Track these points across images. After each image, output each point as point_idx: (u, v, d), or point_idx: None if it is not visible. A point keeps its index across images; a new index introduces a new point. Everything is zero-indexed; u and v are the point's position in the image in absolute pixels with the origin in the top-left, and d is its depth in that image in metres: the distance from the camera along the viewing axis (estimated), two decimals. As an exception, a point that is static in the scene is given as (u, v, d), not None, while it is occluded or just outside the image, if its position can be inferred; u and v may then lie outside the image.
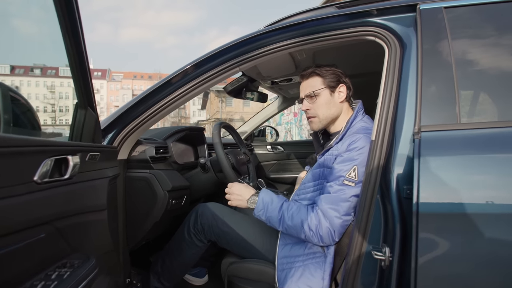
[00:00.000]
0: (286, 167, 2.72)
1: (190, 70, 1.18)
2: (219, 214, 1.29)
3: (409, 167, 0.80)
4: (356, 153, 1.03)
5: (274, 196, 1.12)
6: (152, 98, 1.20)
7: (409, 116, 0.86)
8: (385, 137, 0.90)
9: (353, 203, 1.01)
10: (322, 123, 1.21)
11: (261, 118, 2.67)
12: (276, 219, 1.07)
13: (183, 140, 1.66)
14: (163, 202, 1.25)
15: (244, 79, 1.77)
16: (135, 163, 1.27)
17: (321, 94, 1.18)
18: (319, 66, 1.21)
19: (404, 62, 0.96)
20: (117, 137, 1.18)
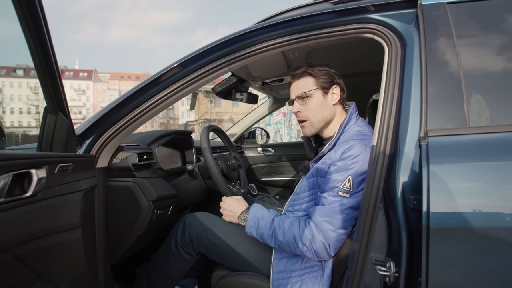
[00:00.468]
0: (278, 169, 2.65)
1: (176, 70, 1.09)
2: (209, 225, 1.20)
3: (416, 175, 0.73)
4: (350, 162, 0.96)
5: (265, 212, 1.07)
6: (134, 100, 1.10)
7: (413, 120, 0.79)
8: (388, 142, 0.83)
9: (349, 216, 0.94)
10: (314, 127, 1.14)
11: (251, 120, 2.58)
12: (268, 235, 1.02)
13: (169, 144, 1.56)
14: (147, 213, 1.15)
15: (233, 79, 1.68)
16: (116, 171, 1.17)
17: (313, 95, 1.11)
18: (312, 65, 1.15)
19: (406, 61, 0.90)
20: (95, 144, 1.08)
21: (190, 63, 1.08)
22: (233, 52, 1.06)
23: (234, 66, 1.09)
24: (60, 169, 0.73)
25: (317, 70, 1.12)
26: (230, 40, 1.06)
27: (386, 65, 0.93)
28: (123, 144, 1.22)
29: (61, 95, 0.77)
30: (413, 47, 0.90)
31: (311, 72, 1.12)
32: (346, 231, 0.95)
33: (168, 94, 1.10)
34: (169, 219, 1.33)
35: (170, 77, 1.09)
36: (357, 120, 1.13)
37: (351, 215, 0.94)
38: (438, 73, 0.82)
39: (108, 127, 1.09)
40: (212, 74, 1.09)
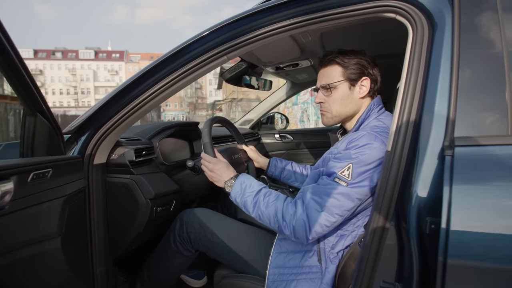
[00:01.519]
0: (296, 157, 2.53)
1: (170, 60, 1.00)
2: (207, 222, 1.15)
3: (436, 193, 0.60)
4: (354, 151, 0.88)
5: (254, 181, 1.02)
6: (129, 93, 1.03)
7: (438, 122, 0.65)
8: (405, 148, 0.69)
9: (340, 203, 0.87)
10: (334, 120, 1.07)
11: (268, 105, 2.46)
12: (251, 203, 0.97)
13: (177, 135, 1.50)
14: (145, 211, 1.11)
15: (243, 65, 1.56)
16: (114, 167, 1.13)
17: (338, 87, 1.02)
18: (342, 52, 1.04)
19: (434, 47, 0.73)
20: (91, 140, 1.04)
21: (185, 52, 0.99)
22: (230, 39, 0.94)
23: (233, 54, 0.98)
24: (34, 177, 0.68)
25: (347, 59, 1.02)
26: (225, 26, 0.94)
27: (408, 52, 0.77)
28: (122, 138, 1.18)
29: (36, 96, 0.71)
30: (443, 29, 0.73)
31: (339, 61, 1.02)
32: (331, 218, 0.87)
33: (163, 86, 1.02)
34: (172, 215, 1.29)
35: (164, 69, 1.01)
36: (378, 115, 1.03)
37: (342, 203, 0.87)
38: (474, 63, 0.66)
39: (103, 122, 1.04)
40: (210, 64, 0.98)
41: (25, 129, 0.75)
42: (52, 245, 0.71)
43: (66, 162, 0.81)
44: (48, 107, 0.77)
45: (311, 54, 1.49)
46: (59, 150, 0.83)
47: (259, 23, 0.92)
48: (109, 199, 1.12)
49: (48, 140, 0.79)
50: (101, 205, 1.09)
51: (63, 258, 0.74)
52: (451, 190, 0.55)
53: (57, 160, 0.77)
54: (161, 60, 1.01)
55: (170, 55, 1.01)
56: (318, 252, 0.97)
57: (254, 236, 1.12)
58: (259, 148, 2.50)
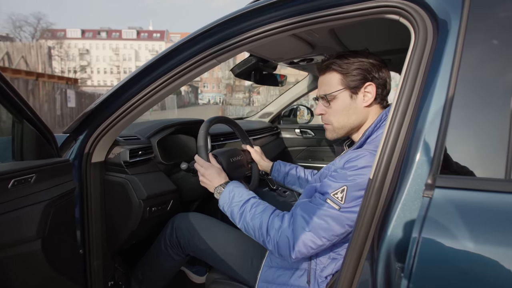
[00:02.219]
0: (316, 154, 2.47)
1: (163, 61, 1.02)
2: (196, 228, 1.17)
3: (407, 239, 0.54)
4: (351, 172, 0.83)
5: (243, 190, 1.01)
6: (124, 93, 1.07)
7: (425, 153, 0.58)
8: (387, 178, 0.64)
9: (328, 226, 0.82)
10: (337, 133, 1.01)
11: (288, 98, 2.41)
12: (237, 213, 0.97)
13: (179, 132, 1.53)
14: (138, 211, 1.16)
15: (252, 60, 1.52)
16: (112, 165, 1.19)
17: (337, 97, 0.96)
18: (341, 56, 0.96)
19: (435, 55, 0.65)
20: (89, 139, 1.10)
21: (177, 54, 0.99)
22: (219, 42, 0.92)
23: (223, 57, 0.96)
24: (15, 183, 0.73)
25: (346, 63, 0.94)
26: (214, 28, 0.92)
27: (406, 64, 0.69)
28: (121, 137, 1.22)
29: (19, 104, 0.76)
30: (447, 35, 0.64)
31: (336, 68, 0.95)
32: (318, 240, 0.83)
33: (156, 88, 1.04)
34: (169, 215, 1.33)
35: (157, 70, 1.03)
36: None
37: (331, 227, 0.82)
38: (475, 86, 0.57)
39: (100, 122, 1.09)
40: (199, 67, 0.98)
41: (15, 135, 0.81)
42: (32, 247, 0.78)
43: (52, 166, 0.86)
44: (35, 114, 0.82)
45: (325, 50, 1.40)
46: (49, 153, 0.89)
47: (248, 25, 0.89)
48: (107, 195, 1.18)
49: (36, 145, 0.85)
50: (99, 201, 1.16)
51: (43, 259, 0.80)
52: (419, 239, 0.50)
53: (42, 165, 0.82)
54: (155, 60, 1.03)
55: (164, 55, 1.02)
56: (308, 272, 0.94)
57: (242, 244, 1.13)
58: (277, 143, 2.47)
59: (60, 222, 0.89)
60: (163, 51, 1.01)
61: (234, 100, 34.26)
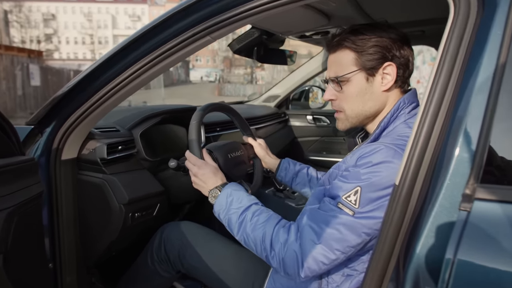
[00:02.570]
0: (332, 147, 2.49)
1: (149, 36, 1.02)
2: (189, 241, 1.19)
3: (440, 258, 0.55)
4: (365, 170, 0.84)
5: (243, 195, 1.02)
6: (101, 76, 1.08)
7: (463, 157, 0.58)
8: (416, 185, 0.64)
9: (341, 237, 0.83)
10: (350, 122, 1.02)
11: (299, 78, 2.41)
12: (236, 222, 0.97)
13: (167, 122, 1.53)
14: (119, 218, 1.18)
15: (255, 33, 1.51)
16: (86, 163, 1.20)
17: (351, 80, 0.96)
18: (355, 30, 0.96)
19: (480, 34, 0.65)
20: (58, 132, 1.11)
21: (165, 27, 0.99)
22: (214, 14, 0.92)
23: (219, 33, 0.96)
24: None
25: (361, 39, 0.94)
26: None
27: (442, 46, 0.68)
28: (96, 129, 1.23)
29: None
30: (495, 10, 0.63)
31: (349, 45, 0.95)
32: (330, 254, 0.84)
33: (141, 68, 1.04)
34: (155, 221, 1.35)
35: (142, 47, 1.03)
36: (409, 117, 0.95)
37: (345, 237, 0.83)
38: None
39: (71, 111, 1.10)
40: (190, 46, 0.98)
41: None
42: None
43: (15, 167, 0.87)
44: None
45: (344, 21, 1.39)
46: (8, 151, 0.90)
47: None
48: (81, 199, 1.20)
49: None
50: (71, 205, 1.18)
51: (5, 278, 0.82)
52: (454, 259, 0.51)
53: (1, 166, 0.83)
54: (138, 36, 1.03)
55: (148, 31, 1.02)
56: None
57: (242, 262, 1.14)
58: (285, 132, 2.48)
59: (25, 233, 0.91)
60: (147, 26, 1.01)
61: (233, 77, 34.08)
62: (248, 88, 25.54)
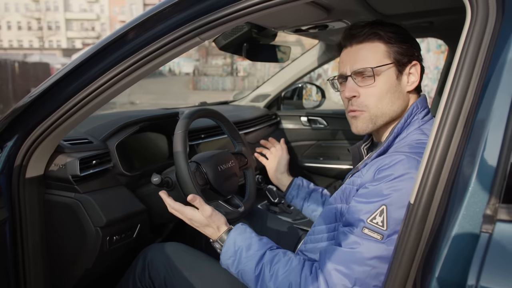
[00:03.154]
0: (330, 151, 2.55)
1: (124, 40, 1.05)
2: (176, 265, 1.21)
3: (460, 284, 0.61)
4: (387, 185, 0.88)
5: (253, 239, 1.03)
6: (73, 82, 1.09)
7: (482, 174, 0.63)
8: (434, 204, 0.70)
9: (377, 270, 0.87)
10: (374, 123, 1.05)
11: (292, 75, 2.46)
12: (252, 275, 0.99)
13: (146, 130, 1.56)
14: (95, 243, 1.20)
15: (244, 27, 1.55)
16: (55, 181, 1.21)
17: (383, 74, 1.01)
18: (381, 23, 1.03)
19: (500, 39, 0.70)
20: (21, 146, 1.12)
21: (145, 29, 1.02)
22: (204, 13, 0.96)
23: (209, 34, 1.00)
24: None
25: (392, 32, 1.01)
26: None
27: (461, 46, 0.74)
28: (65, 141, 1.25)
29: None
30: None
31: (383, 35, 1.01)
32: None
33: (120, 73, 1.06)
34: (136, 243, 1.38)
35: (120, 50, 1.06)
36: (423, 123, 1.02)
37: (380, 270, 0.86)
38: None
39: (37, 122, 1.11)
40: (176, 48, 1.01)
41: None
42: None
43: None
44: None
45: (345, 15, 1.45)
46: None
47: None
48: (49, 222, 1.21)
49: None
50: (38, 230, 1.19)
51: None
52: (477, 285, 0.56)
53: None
54: (117, 37, 1.05)
55: (128, 31, 1.04)
56: None
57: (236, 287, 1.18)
58: (277, 136, 2.52)
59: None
60: (127, 24, 1.04)
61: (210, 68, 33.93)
62: (228, 81, 25.50)
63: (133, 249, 1.40)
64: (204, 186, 1.29)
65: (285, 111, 2.64)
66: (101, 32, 54.41)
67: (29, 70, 16.77)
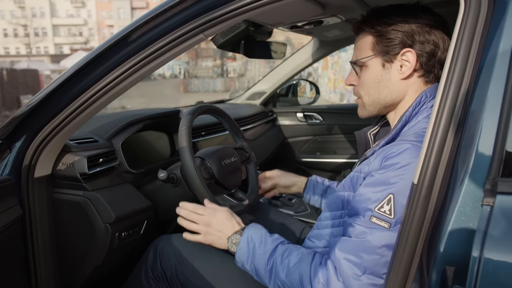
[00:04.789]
0: (327, 146, 2.59)
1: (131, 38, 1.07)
2: (187, 256, 1.23)
3: (464, 255, 0.65)
4: (394, 173, 0.90)
5: (266, 235, 1.06)
6: (78, 83, 1.11)
7: (481, 151, 0.67)
8: (436, 184, 0.74)
9: (386, 258, 0.89)
10: (368, 110, 1.11)
11: (287, 72, 2.49)
12: (265, 270, 1.02)
13: (148, 129, 1.58)
14: (104, 239, 1.22)
15: (241, 25, 1.59)
16: (63, 180, 1.23)
17: (367, 65, 1.06)
18: (377, 13, 1.05)
19: (492, 28, 0.75)
20: (29, 146, 1.14)
21: (150, 28, 1.04)
22: (207, 10, 0.99)
23: (213, 31, 1.03)
24: None
25: (381, 23, 1.02)
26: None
27: (454, 42, 0.78)
28: (72, 141, 1.27)
29: None
30: (506, 7, 0.73)
31: (369, 29, 1.05)
32: (378, 280, 0.90)
33: (123, 73, 1.08)
34: (143, 239, 1.40)
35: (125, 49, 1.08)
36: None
37: (388, 257, 0.88)
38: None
39: (44, 123, 1.13)
40: (181, 45, 1.04)
41: None
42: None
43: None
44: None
45: (340, 10, 1.48)
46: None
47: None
48: (58, 221, 1.23)
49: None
50: (47, 229, 1.21)
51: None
52: (481, 256, 0.60)
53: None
54: (121, 37, 1.07)
55: (132, 30, 1.06)
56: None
57: (246, 279, 1.21)
58: (274, 132, 2.57)
59: (5, 264, 0.94)
60: (131, 24, 1.06)
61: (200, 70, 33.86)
62: (218, 82, 25.48)
63: (140, 246, 1.42)
64: (209, 180, 1.32)
65: (281, 107, 2.68)
66: (89, 37, 54.04)
67: (18, 77, 16.58)
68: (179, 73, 36.37)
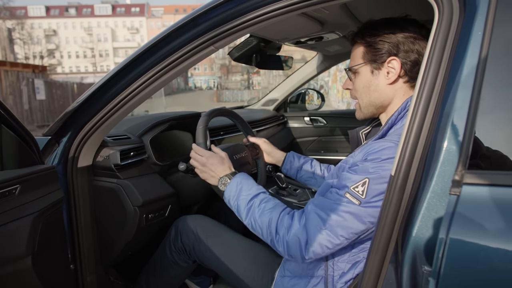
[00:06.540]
0: (330, 145, 2.52)
1: (152, 51, 1.06)
2: (202, 234, 1.23)
3: (433, 239, 0.59)
4: (373, 164, 0.87)
5: (252, 183, 1.06)
6: (111, 89, 1.12)
7: (451, 146, 0.62)
8: (410, 175, 0.68)
9: (347, 224, 0.87)
10: (363, 112, 1.07)
11: (296, 82, 2.44)
12: (244, 208, 1.02)
13: (174, 128, 1.57)
14: (134, 219, 1.22)
15: (253, 41, 1.55)
16: (101, 170, 1.24)
17: (359, 72, 1.03)
18: (369, 26, 1.01)
19: (463, 34, 0.69)
20: (74, 141, 1.15)
21: (169, 41, 1.03)
22: (217, 25, 0.96)
23: (222, 43, 1.00)
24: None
25: (371, 34, 0.99)
26: (211, 10, 0.95)
27: (429, 48, 0.72)
28: (109, 137, 1.27)
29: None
30: (476, 12, 0.67)
31: (360, 40, 1.02)
32: (335, 239, 0.88)
33: (147, 81, 1.08)
34: (167, 220, 1.39)
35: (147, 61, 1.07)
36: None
37: (350, 224, 0.87)
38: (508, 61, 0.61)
39: (85, 121, 1.14)
40: (195, 56, 1.02)
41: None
42: (22, 265, 0.83)
43: (37, 175, 0.91)
44: (13, 117, 0.86)
45: (337, 27, 1.43)
46: (31, 160, 0.94)
47: (251, 4, 0.92)
48: (97, 204, 1.24)
49: (17, 152, 0.89)
50: (88, 210, 1.21)
51: (35, 277, 0.86)
52: (447, 240, 0.55)
53: (26, 174, 0.87)
54: (145, 50, 1.06)
55: (154, 44, 1.06)
56: (325, 279, 0.99)
57: (253, 255, 1.18)
58: (285, 133, 2.52)
59: (49, 236, 0.95)
60: (153, 39, 1.05)
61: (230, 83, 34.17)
62: (245, 94, 25.62)
63: (166, 226, 1.41)
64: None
65: (291, 112, 2.63)
66: (142, 57, 55.16)
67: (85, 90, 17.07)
68: (213, 85, 36.77)
